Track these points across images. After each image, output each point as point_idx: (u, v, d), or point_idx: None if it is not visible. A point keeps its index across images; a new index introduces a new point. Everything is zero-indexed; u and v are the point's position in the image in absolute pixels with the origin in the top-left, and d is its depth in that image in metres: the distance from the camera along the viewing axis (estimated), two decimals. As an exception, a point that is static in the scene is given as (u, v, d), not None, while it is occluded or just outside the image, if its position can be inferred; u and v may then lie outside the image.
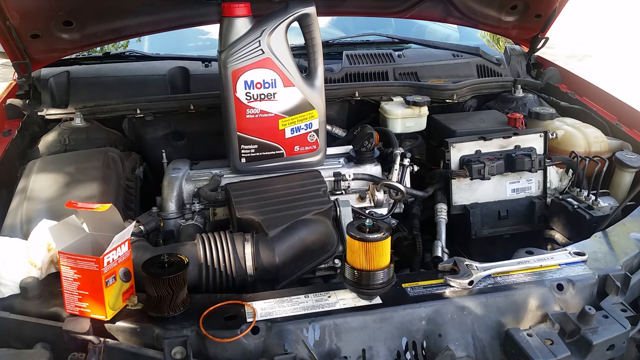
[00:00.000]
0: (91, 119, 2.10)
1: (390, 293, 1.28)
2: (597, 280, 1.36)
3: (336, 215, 1.67)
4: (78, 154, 1.88)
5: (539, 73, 2.57)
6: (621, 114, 2.18)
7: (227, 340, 1.16)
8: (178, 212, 1.74)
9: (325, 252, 1.58)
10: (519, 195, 1.90)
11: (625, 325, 1.26)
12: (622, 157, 1.89)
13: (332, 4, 2.31)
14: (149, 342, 1.18)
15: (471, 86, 2.37)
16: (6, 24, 1.89)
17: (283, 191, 1.67)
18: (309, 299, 1.28)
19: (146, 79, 2.31)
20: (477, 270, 1.35)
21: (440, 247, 1.76)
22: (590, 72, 3.40)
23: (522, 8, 2.36)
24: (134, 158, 1.97)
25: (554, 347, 1.22)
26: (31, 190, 1.60)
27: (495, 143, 1.88)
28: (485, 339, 1.28)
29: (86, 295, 1.20)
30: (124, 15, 2.10)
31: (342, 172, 1.81)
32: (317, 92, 1.78)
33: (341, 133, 2.23)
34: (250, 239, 1.47)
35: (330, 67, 2.41)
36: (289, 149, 1.79)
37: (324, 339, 1.21)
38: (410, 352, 1.25)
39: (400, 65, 2.47)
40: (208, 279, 1.42)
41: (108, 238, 1.20)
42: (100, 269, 1.17)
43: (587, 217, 1.65)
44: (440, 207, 1.86)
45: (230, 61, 1.67)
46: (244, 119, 1.72)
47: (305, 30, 1.72)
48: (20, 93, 2.18)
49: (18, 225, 1.47)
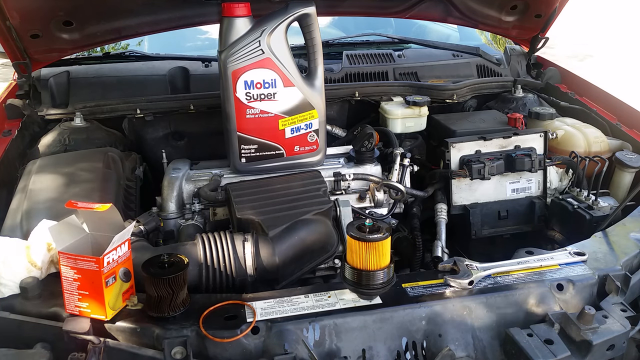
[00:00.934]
0: (91, 119, 2.10)
1: (390, 293, 1.28)
2: (597, 280, 1.36)
3: (336, 215, 1.67)
4: (78, 154, 1.88)
5: (539, 73, 2.57)
6: (621, 114, 2.18)
7: (227, 340, 1.16)
8: (178, 212, 1.74)
9: (325, 252, 1.58)
10: (519, 195, 1.90)
11: (625, 325, 1.26)
12: (622, 157, 1.89)
13: (332, 4, 2.31)
14: (149, 342, 1.18)
15: (471, 86, 2.37)
16: (6, 24, 1.89)
17: (283, 191, 1.67)
18: (309, 299, 1.28)
19: (146, 79, 2.31)
20: (477, 270, 1.35)
21: (440, 247, 1.76)
22: (591, 73, 3.39)
23: (522, 8, 2.36)
24: (134, 158, 1.97)
25: (554, 347, 1.22)
26: (31, 190, 1.60)
27: (495, 143, 1.88)
28: (485, 339, 1.28)
29: (86, 295, 1.20)
30: (124, 15, 2.10)
31: (342, 172, 1.81)
32: (317, 92, 1.78)
33: (341, 133, 2.23)
34: (250, 239, 1.47)
35: (330, 67, 2.41)
36: (289, 149, 1.79)
37: (324, 339, 1.21)
38: (410, 352, 1.25)
39: (400, 65, 2.47)
40: (208, 279, 1.42)
41: (108, 238, 1.20)
42: (100, 269, 1.17)
43: (587, 217, 1.65)
44: (440, 207, 1.86)
45: (230, 61, 1.67)
46: (244, 119, 1.72)
47: (305, 30, 1.72)
48: (20, 93, 2.18)
49: (18, 225, 1.47)
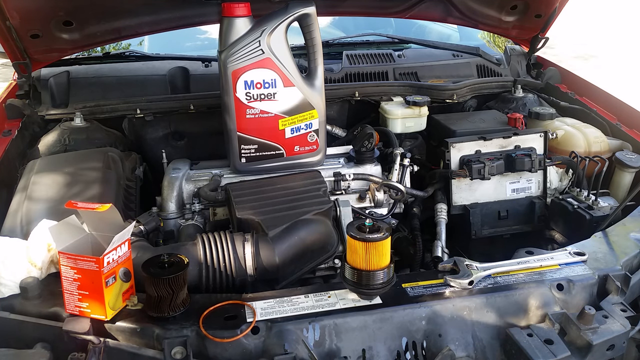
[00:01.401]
0: (91, 119, 2.10)
1: (390, 293, 1.28)
2: (597, 280, 1.36)
3: (336, 215, 1.67)
4: (78, 154, 1.88)
5: (539, 73, 2.57)
6: (621, 114, 2.18)
7: (227, 340, 1.16)
8: (178, 212, 1.74)
9: (325, 252, 1.58)
10: (519, 195, 1.90)
11: (625, 325, 1.26)
12: (622, 157, 1.89)
13: (332, 4, 2.31)
14: (149, 342, 1.18)
15: (471, 86, 2.37)
16: (6, 24, 1.89)
17: (283, 191, 1.67)
18: (309, 299, 1.28)
19: (146, 79, 2.31)
20: (477, 270, 1.35)
21: (440, 247, 1.76)
22: (593, 73, 3.40)
23: (522, 8, 2.36)
24: (134, 158, 1.97)
25: (554, 347, 1.22)
26: (31, 190, 1.60)
27: (495, 143, 1.88)
28: (485, 339, 1.28)
29: (86, 295, 1.20)
30: (124, 15, 2.09)
31: (342, 172, 1.81)
32: (317, 92, 1.78)
33: (341, 133, 2.23)
34: (250, 239, 1.47)
35: (330, 67, 2.41)
36: (289, 149, 1.79)
37: (324, 339, 1.21)
38: (410, 352, 1.25)
39: (400, 65, 2.47)
40: (208, 279, 1.42)
41: (108, 238, 1.20)
42: (100, 269, 1.17)
43: (587, 217, 1.65)
44: (440, 207, 1.86)
45: (230, 61, 1.67)
46: (244, 119, 1.72)
47: (305, 30, 1.72)
48: (20, 93, 2.18)
49: (18, 225, 1.47)
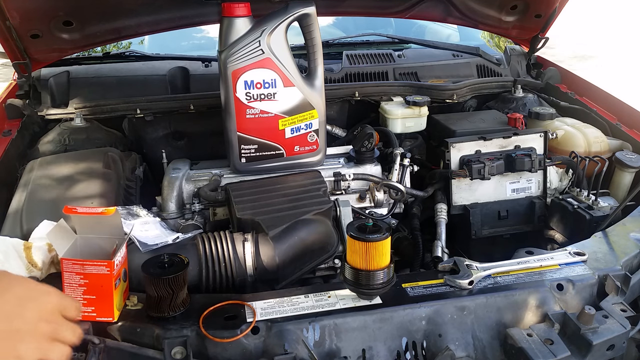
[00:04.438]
0: (91, 119, 2.10)
1: (390, 293, 1.28)
2: (597, 280, 1.36)
3: (336, 215, 1.67)
4: (78, 154, 1.88)
5: (539, 73, 2.57)
6: (621, 114, 2.17)
7: (227, 340, 1.16)
8: (178, 212, 1.74)
9: (325, 252, 1.58)
10: (519, 195, 1.89)
11: (625, 325, 1.26)
12: (622, 157, 1.89)
13: (332, 4, 2.31)
14: (149, 342, 1.18)
15: (471, 86, 2.37)
16: (6, 24, 1.89)
17: (283, 191, 1.67)
18: (309, 299, 1.28)
19: (146, 79, 2.30)
20: (477, 270, 1.35)
21: (440, 247, 1.76)
22: (591, 73, 3.40)
23: (522, 8, 2.36)
24: (134, 158, 1.97)
25: (554, 347, 1.22)
26: (31, 190, 1.60)
27: (495, 143, 1.88)
28: (485, 339, 1.28)
29: (93, 300, 1.18)
30: (124, 15, 2.09)
31: (342, 172, 1.81)
32: (317, 92, 1.78)
33: (341, 133, 2.23)
34: (250, 239, 1.47)
35: (330, 67, 2.41)
36: (289, 149, 1.79)
37: (324, 339, 1.21)
38: (410, 352, 1.25)
39: (400, 65, 2.47)
40: (208, 278, 1.42)
41: (109, 240, 1.20)
42: (111, 272, 1.17)
43: (587, 217, 1.65)
44: (440, 207, 1.86)
45: (230, 61, 1.67)
46: (244, 119, 1.72)
47: (305, 30, 1.72)
48: (20, 93, 2.18)
49: (18, 226, 1.47)
